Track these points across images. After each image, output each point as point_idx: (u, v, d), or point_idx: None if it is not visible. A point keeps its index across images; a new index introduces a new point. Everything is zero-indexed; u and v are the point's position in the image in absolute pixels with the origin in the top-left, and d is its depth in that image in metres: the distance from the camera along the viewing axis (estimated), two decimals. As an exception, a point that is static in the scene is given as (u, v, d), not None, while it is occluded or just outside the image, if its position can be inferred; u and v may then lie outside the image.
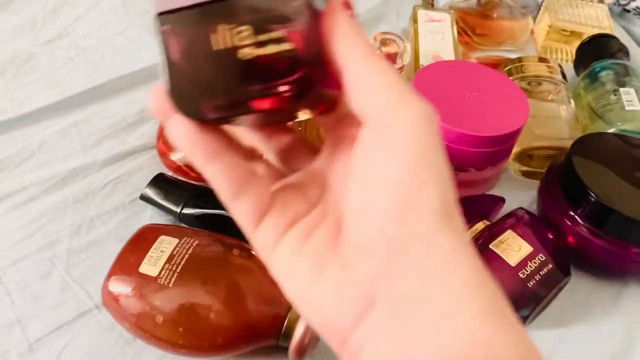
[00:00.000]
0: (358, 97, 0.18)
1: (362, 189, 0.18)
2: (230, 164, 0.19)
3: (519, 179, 0.49)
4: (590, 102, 0.50)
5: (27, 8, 0.60)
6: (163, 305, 0.32)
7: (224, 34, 0.17)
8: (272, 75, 0.18)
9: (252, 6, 0.17)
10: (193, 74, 0.18)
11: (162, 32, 0.18)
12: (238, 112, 0.19)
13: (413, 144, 0.17)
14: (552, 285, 0.37)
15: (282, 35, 0.17)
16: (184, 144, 0.19)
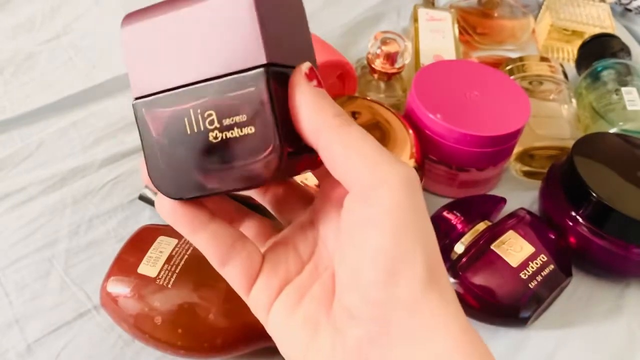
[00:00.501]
0: (336, 168, 0.18)
1: (351, 255, 0.18)
2: (216, 232, 0.20)
3: (521, 179, 0.48)
4: (591, 102, 0.50)
5: (26, 8, 0.60)
6: (162, 306, 0.32)
7: (195, 118, 0.18)
8: (242, 156, 0.18)
9: (218, 89, 0.18)
10: (169, 156, 0.19)
11: (141, 115, 0.20)
12: (214, 192, 0.19)
13: (394, 211, 0.17)
14: (554, 286, 0.37)
15: (246, 118, 0.18)
16: (169, 218, 0.20)
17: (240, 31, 0.18)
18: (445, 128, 0.41)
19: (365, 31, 0.62)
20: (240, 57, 0.18)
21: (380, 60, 0.48)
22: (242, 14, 0.18)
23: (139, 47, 0.19)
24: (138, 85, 0.19)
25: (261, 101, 0.18)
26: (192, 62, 0.19)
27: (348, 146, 0.17)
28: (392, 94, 0.50)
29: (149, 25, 0.19)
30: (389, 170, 0.17)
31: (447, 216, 0.41)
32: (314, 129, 0.18)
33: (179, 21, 0.19)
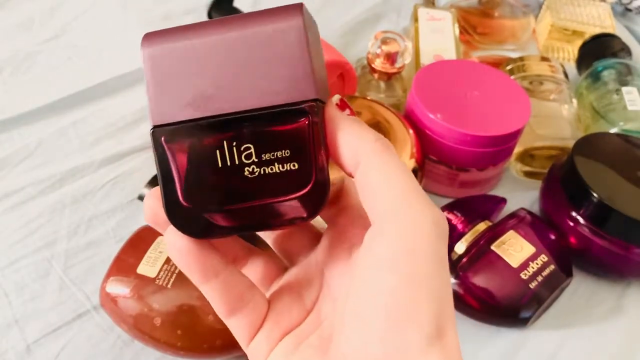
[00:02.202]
0: (367, 196, 0.17)
1: (360, 293, 0.17)
2: (227, 281, 0.19)
3: (521, 179, 0.48)
4: (592, 102, 0.50)
5: (25, 7, 0.60)
6: (161, 307, 0.32)
7: (230, 151, 0.17)
8: (282, 192, 0.17)
9: (259, 122, 0.17)
10: (193, 191, 0.17)
11: (161, 145, 0.17)
12: (242, 230, 0.18)
13: (416, 255, 0.16)
14: (555, 286, 0.37)
15: (289, 154, 0.17)
16: (179, 260, 0.18)
17: (288, 64, 0.17)
18: (445, 128, 0.41)
19: (365, 31, 0.62)
20: (286, 90, 0.17)
21: (381, 60, 0.48)
22: (293, 47, 0.17)
23: (163, 71, 0.18)
24: (159, 112, 0.18)
25: (308, 136, 0.17)
26: (228, 91, 0.17)
27: (384, 175, 0.17)
28: (392, 93, 0.50)
29: (179, 48, 0.17)
30: (421, 212, 0.16)
31: (447, 216, 0.41)
32: (354, 154, 0.17)
33: (216, 47, 0.17)
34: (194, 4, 0.62)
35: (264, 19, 0.17)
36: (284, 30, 0.17)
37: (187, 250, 0.18)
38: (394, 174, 0.17)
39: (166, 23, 0.60)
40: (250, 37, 0.17)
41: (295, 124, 0.17)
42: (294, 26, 0.17)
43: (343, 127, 0.17)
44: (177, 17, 0.61)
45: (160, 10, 0.62)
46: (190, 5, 0.62)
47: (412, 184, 0.17)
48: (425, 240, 0.16)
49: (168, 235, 0.18)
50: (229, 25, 0.17)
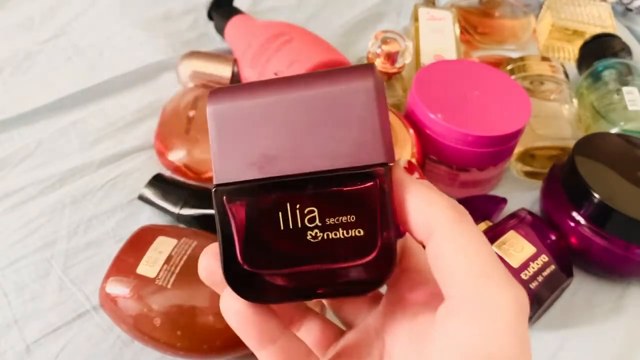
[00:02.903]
0: (439, 270, 0.16)
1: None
2: (285, 348, 0.18)
3: (521, 179, 0.48)
4: (592, 102, 0.50)
5: (25, 7, 0.60)
6: (161, 307, 0.32)
7: (292, 214, 0.16)
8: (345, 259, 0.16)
9: (324, 185, 0.16)
10: (254, 252, 0.17)
11: (224, 205, 0.17)
12: (301, 298, 0.18)
13: (494, 339, 0.15)
14: (555, 286, 0.37)
15: (354, 219, 0.16)
16: (236, 324, 0.17)
17: (357, 126, 0.16)
18: (445, 128, 0.41)
19: (366, 31, 0.62)
20: (354, 153, 0.16)
21: (381, 60, 0.48)
22: (362, 109, 0.16)
23: (228, 129, 0.17)
24: (222, 171, 0.17)
25: (375, 202, 0.16)
26: (293, 152, 0.17)
27: (461, 247, 0.15)
28: (392, 93, 0.50)
29: (245, 107, 0.17)
30: (501, 292, 0.15)
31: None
32: (426, 223, 0.16)
33: (282, 107, 0.17)
34: (193, 3, 0.62)
35: (333, 79, 0.17)
36: (354, 92, 0.16)
37: (244, 314, 0.17)
38: (472, 248, 0.15)
39: (166, 23, 0.60)
40: (318, 98, 0.17)
41: (362, 188, 0.16)
42: (365, 88, 0.16)
43: (413, 192, 0.16)
44: (177, 17, 0.61)
45: (160, 10, 0.62)
46: (190, 5, 0.62)
47: (491, 258, 0.15)
48: (505, 323, 0.15)
49: (225, 298, 0.17)
50: (296, 84, 0.17)
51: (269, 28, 0.50)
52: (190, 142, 0.45)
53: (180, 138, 0.45)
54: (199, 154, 0.45)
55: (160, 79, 0.54)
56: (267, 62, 0.47)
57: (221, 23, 0.55)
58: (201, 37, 0.59)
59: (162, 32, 0.59)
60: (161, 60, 0.55)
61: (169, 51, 0.56)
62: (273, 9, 0.64)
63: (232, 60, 0.51)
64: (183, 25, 0.60)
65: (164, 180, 0.43)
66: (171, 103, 0.48)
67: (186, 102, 0.47)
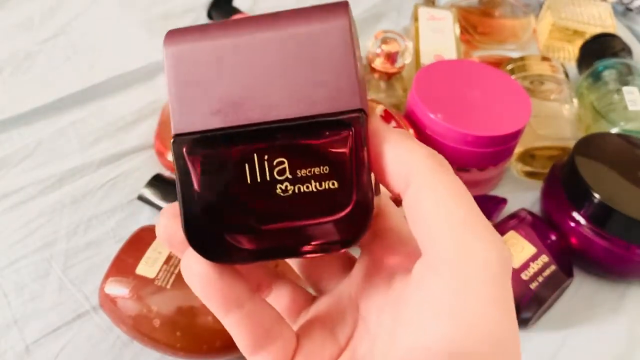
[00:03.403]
0: (417, 222, 0.15)
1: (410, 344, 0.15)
2: (253, 313, 0.16)
3: (522, 179, 0.48)
4: (593, 102, 0.50)
5: (24, 7, 0.60)
6: (160, 308, 0.32)
7: (260, 166, 0.15)
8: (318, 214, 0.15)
9: (294, 134, 0.15)
10: (217, 210, 0.15)
11: (182, 157, 0.15)
12: (270, 256, 0.16)
13: (476, 298, 0.14)
14: (555, 286, 0.37)
15: (328, 170, 0.15)
16: (199, 288, 0.16)
17: (330, 69, 0.15)
18: (445, 128, 0.41)
19: (366, 30, 0.61)
20: (327, 99, 0.15)
21: (381, 60, 0.48)
22: (336, 50, 0.15)
23: (188, 73, 0.16)
24: (182, 120, 0.15)
25: (351, 152, 0.15)
26: (261, 98, 0.15)
27: (440, 197, 0.14)
28: (392, 93, 0.50)
29: (206, 48, 0.15)
30: (483, 246, 0.14)
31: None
32: (403, 173, 0.15)
33: (248, 49, 0.15)
34: (193, 3, 0.62)
35: (303, 18, 0.15)
36: (327, 31, 0.15)
37: (207, 276, 0.15)
38: (452, 199, 0.14)
39: (166, 23, 0.60)
40: (287, 38, 0.15)
41: (337, 136, 0.15)
42: (339, 27, 0.15)
43: (390, 142, 0.15)
44: (177, 17, 0.61)
45: (160, 9, 0.62)
46: (189, 5, 0.62)
47: (472, 210, 0.15)
48: (489, 281, 0.14)
49: (186, 259, 0.16)
50: (263, 25, 0.15)
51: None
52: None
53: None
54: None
55: (160, 79, 0.54)
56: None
57: (221, 23, 0.55)
58: (201, 37, 0.59)
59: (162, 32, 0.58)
60: (160, 60, 0.55)
61: (169, 51, 0.56)
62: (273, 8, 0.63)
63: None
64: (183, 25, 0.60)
65: (164, 180, 0.43)
66: (171, 103, 0.48)
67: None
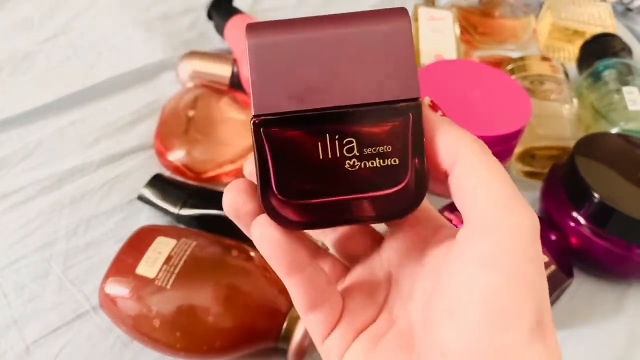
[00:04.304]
0: (465, 197, 0.17)
1: (454, 292, 0.17)
2: (312, 276, 0.19)
3: (521, 179, 0.48)
4: (593, 102, 0.50)
5: (24, 7, 0.60)
6: (160, 308, 0.32)
7: (331, 144, 0.17)
8: (382, 187, 0.18)
9: (363, 117, 0.17)
10: (293, 180, 0.18)
11: (260, 135, 0.18)
12: (336, 223, 0.19)
13: (515, 255, 0.16)
14: (555, 286, 0.37)
15: (391, 149, 0.17)
16: (269, 251, 0.18)
17: (394, 63, 0.18)
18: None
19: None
20: (391, 88, 0.18)
21: (381, 60, 0.48)
22: (400, 47, 0.18)
23: (267, 62, 0.18)
24: (261, 102, 0.18)
25: (410, 133, 0.17)
26: (333, 85, 0.18)
27: (485, 176, 0.17)
28: (392, 93, 0.50)
29: (285, 41, 0.18)
30: (521, 213, 0.17)
31: (448, 216, 0.41)
32: (451, 154, 0.17)
33: (323, 43, 0.18)
34: (193, 3, 0.62)
35: (372, 19, 0.18)
36: (393, 31, 0.18)
37: (278, 241, 0.18)
38: (494, 176, 0.17)
39: (166, 23, 0.60)
40: (358, 35, 0.18)
41: (399, 120, 0.17)
42: (402, 27, 0.18)
43: (440, 127, 0.18)
44: (177, 17, 0.61)
45: (160, 9, 0.62)
46: (189, 5, 0.62)
47: (511, 186, 0.17)
48: (525, 241, 0.16)
49: (259, 227, 0.18)
50: (335, 22, 0.18)
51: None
52: (189, 142, 0.45)
53: (180, 138, 0.45)
54: (198, 154, 0.45)
55: (160, 79, 0.54)
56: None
57: (221, 23, 0.55)
58: (201, 36, 0.59)
59: (162, 31, 0.59)
60: (161, 60, 0.55)
61: (169, 51, 0.56)
62: (273, 8, 0.64)
63: (232, 60, 0.51)
64: (182, 25, 0.60)
65: (164, 180, 0.43)
66: (170, 103, 0.48)
67: (185, 102, 0.47)
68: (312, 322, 0.19)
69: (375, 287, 0.21)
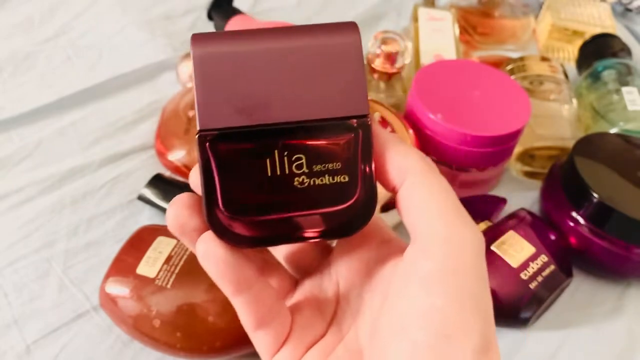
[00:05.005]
0: (410, 215, 0.17)
1: (402, 314, 0.17)
2: (260, 293, 0.18)
3: (521, 179, 0.48)
4: (592, 102, 0.50)
5: (24, 7, 0.60)
6: (161, 308, 0.32)
7: (280, 161, 0.17)
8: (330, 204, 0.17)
9: (311, 133, 0.17)
10: (241, 197, 0.17)
11: (206, 150, 0.17)
12: (284, 241, 0.18)
13: (459, 275, 0.16)
14: (555, 286, 0.37)
15: (340, 166, 0.17)
16: (214, 270, 0.17)
17: (343, 78, 0.17)
18: (445, 128, 0.41)
19: (365, 31, 0.61)
20: (340, 104, 0.17)
21: (380, 60, 0.48)
22: (349, 62, 0.17)
23: (214, 75, 0.17)
24: (207, 117, 0.17)
25: (359, 150, 0.17)
26: (281, 101, 0.17)
27: (430, 194, 0.17)
28: (392, 93, 0.50)
29: (232, 54, 0.17)
30: (464, 232, 0.17)
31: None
32: (399, 171, 0.17)
33: (271, 56, 0.17)
34: (193, 3, 0.62)
35: (321, 33, 0.18)
36: (342, 46, 0.17)
37: (224, 259, 0.17)
38: (440, 194, 0.17)
39: (166, 23, 0.60)
40: (307, 49, 0.17)
41: (348, 137, 0.17)
42: (352, 42, 0.17)
43: (390, 145, 0.18)
44: (177, 17, 0.61)
45: (160, 9, 0.62)
46: (190, 5, 0.62)
47: (456, 203, 0.17)
48: (470, 259, 0.17)
49: (204, 244, 0.17)
50: (284, 36, 0.17)
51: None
52: (190, 142, 0.45)
53: (180, 138, 0.45)
54: (198, 154, 0.45)
55: (160, 79, 0.54)
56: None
57: (221, 23, 0.55)
58: (201, 37, 0.59)
59: (162, 32, 0.59)
60: (161, 60, 0.55)
61: (169, 51, 0.56)
62: (273, 9, 0.64)
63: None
64: (183, 25, 0.60)
65: (164, 180, 0.43)
66: (171, 103, 0.48)
67: (186, 102, 0.47)
68: (260, 340, 0.19)
69: (325, 301, 0.21)
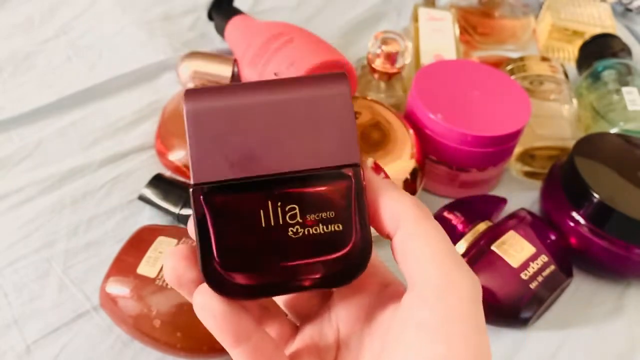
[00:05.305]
0: (406, 262, 0.18)
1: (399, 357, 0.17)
2: (259, 344, 0.18)
3: (521, 179, 0.48)
4: (592, 102, 0.50)
5: (24, 7, 0.60)
6: (161, 307, 0.32)
7: (274, 211, 0.17)
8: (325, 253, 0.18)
9: (304, 183, 0.17)
10: (236, 249, 0.17)
11: (200, 204, 0.17)
12: (280, 292, 0.18)
13: (457, 323, 0.16)
14: (555, 286, 0.37)
15: (334, 215, 0.17)
16: (211, 323, 0.17)
17: (334, 128, 0.18)
18: (445, 128, 0.41)
19: (365, 31, 0.62)
20: (332, 153, 0.18)
21: (381, 60, 0.48)
22: (339, 112, 0.18)
23: (206, 129, 0.17)
24: (201, 171, 0.17)
25: (353, 199, 0.17)
26: (274, 152, 0.17)
27: (425, 242, 0.17)
28: (392, 93, 0.50)
29: (223, 108, 0.17)
30: (461, 278, 0.17)
31: (447, 216, 0.41)
32: (394, 219, 0.18)
33: (262, 110, 0.18)
34: (194, 4, 0.62)
35: (310, 85, 0.18)
36: (331, 96, 0.18)
37: (222, 312, 0.17)
38: (434, 241, 0.17)
39: (166, 23, 0.60)
40: (298, 102, 0.18)
41: (341, 186, 0.17)
42: (341, 93, 0.18)
43: (383, 192, 0.18)
44: (177, 17, 0.61)
45: (160, 10, 0.62)
46: (190, 5, 0.62)
47: (451, 250, 0.17)
48: (467, 306, 0.17)
49: (200, 297, 0.17)
50: (274, 89, 0.18)
51: (269, 28, 0.50)
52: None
53: (181, 138, 0.45)
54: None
55: (161, 79, 0.54)
56: (267, 63, 0.47)
57: (221, 23, 0.55)
58: (201, 37, 0.59)
59: (162, 32, 0.59)
60: (161, 60, 0.55)
61: (169, 51, 0.56)
62: (273, 9, 0.64)
63: (232, 61, 0.51)
64: (183, 26, 0.60)
65: (164, 180, 0.43)
66: (171, 103, 0.48)
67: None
68: None
69: (325, 348, 0.20)
